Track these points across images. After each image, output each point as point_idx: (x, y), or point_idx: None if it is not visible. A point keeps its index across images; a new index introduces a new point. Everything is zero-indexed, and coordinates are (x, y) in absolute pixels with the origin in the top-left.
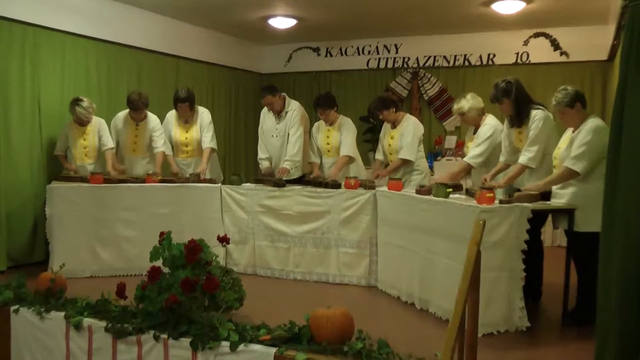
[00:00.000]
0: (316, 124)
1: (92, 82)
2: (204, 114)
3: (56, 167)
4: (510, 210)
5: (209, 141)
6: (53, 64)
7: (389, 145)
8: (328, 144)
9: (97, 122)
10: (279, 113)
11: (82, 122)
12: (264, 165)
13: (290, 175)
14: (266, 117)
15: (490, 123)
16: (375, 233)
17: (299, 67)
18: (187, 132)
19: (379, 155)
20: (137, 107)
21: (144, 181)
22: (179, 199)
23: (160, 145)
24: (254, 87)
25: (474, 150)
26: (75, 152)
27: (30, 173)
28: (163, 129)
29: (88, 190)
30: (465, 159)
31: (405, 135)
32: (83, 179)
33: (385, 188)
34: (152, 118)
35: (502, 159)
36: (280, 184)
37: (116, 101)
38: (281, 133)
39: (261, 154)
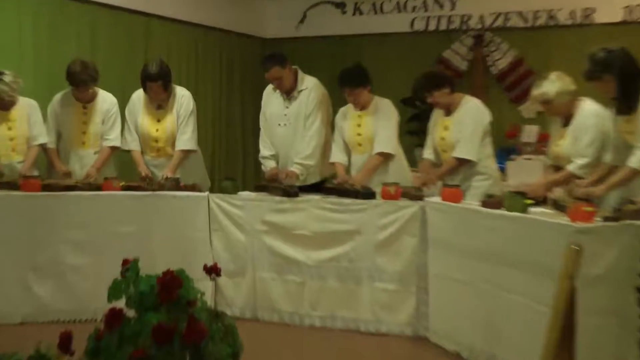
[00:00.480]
0: (342, 109)
1: (27, 51)
2: (183, 99)
3: None
4: (620, 232)
5: (185, 140)
6: None
7: (442, 138)
8: (359, 134)
9: (26, 105)
10: (288, 93)
11: (5, 105)
12: (268, 166)
13: (304, 181)
14: (271, 99)
15: (589, 110)
16: (425, 262)
17: (316, 30)
18: (158, 121)
19: (428, 154)
20: (80, 81)
21: (99, 188)
22: (149, 213)
23: (113, 137)
24: (255, 58)
25: (580, 159)
26: None
27: None
28: (127, 115)
29: (19, 201)
30: (569, 167)
31: (464, 124)
32: (11, 185)
33: (438, 199)
34: (105, 97)
35: (608, 158)
36: (291, 192)
37: (61, 77)
38: (291, 120)
39: (264, 151)
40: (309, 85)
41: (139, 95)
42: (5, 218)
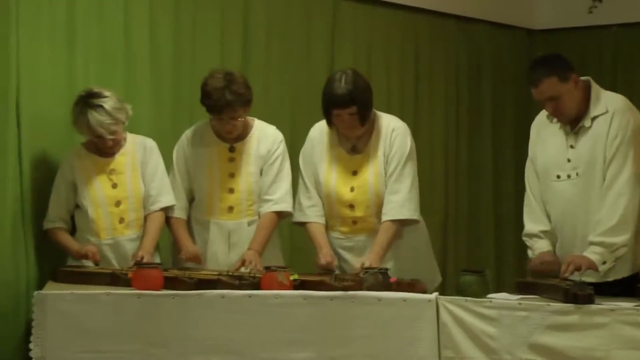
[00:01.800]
0: None
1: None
2: (396, 135)
3: (56, 249)
4: None
5: (399, 203)
6: (50, 27)
7: None
8: None
9: (139, 148)
10: (574, 123)
11: (105, 147)
12: (537, 249)
13: (604, 276)
14: (544, 135)
15: None
16: None
17: (625, 14)
18: (354, 174)
19: None
20: (224, 104)
21: (256, 285)
22: (337, 329)
23: (279, 196)
24: (515, 63)
25: None
26: (96, 214)
27: None
28: (302, 163)
29: (127, 305)
30: None
31: None
32: (116, 277)
33: None
34: (264, 132)
35: None
36: (580, 294)
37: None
38: (581, 169)
39: (531, 225)
40: (611, 108)
41: (320, 130)
42: (107, 336)
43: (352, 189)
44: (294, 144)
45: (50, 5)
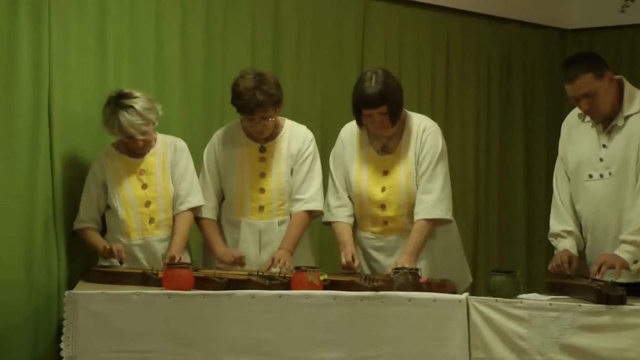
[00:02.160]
0: None
1: (170, 59)
2: (427, 135)
3: (87, 249)
4: None
5: (431, 203)
6: (81, 28)
7: None
8: None
9: (169, 148)
10: (607, 122)
11: (136, 147)
12: (561, 248)
13: (636, 276)
14: (576, 134)
15: None
16: None
17: None
18: (386, 173)
19: None
20: (255, 104)
21: (287, 285)
22: (366, 329)
23: (309, 196)
24: (548, 62)
25: None
26: (127, 214)
27: (27, 261)
28: (332, 164)
29: (161, 306)
30: None
31: None
32: (147, 277)
33: None
34: (295, 132)
35: None
36: (611, 295)
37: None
38: (614, 168)
39: (556, 224)
40: None
41: (351, 131)
42: (138, 337)
43: (383, 189)
44: (325, 144)
45: (82, 6)
